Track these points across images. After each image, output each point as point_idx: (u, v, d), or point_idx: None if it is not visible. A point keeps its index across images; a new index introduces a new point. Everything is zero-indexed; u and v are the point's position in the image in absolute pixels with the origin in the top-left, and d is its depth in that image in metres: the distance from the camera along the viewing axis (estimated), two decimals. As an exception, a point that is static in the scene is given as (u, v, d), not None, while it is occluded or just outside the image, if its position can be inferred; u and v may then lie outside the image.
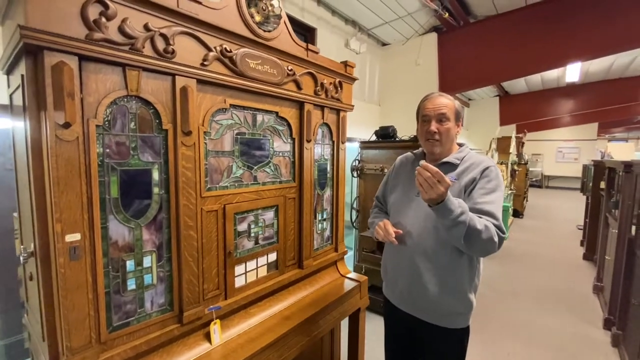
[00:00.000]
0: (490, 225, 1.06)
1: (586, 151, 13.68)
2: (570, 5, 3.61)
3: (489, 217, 1.08)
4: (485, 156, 1.24)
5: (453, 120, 1.23)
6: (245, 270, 1.36)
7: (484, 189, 1.14)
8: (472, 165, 1.20)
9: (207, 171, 1.19)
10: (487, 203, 1.11)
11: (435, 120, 1.22)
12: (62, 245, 0.83)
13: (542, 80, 7.63)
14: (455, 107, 1.24)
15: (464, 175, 1.19)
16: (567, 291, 3.77)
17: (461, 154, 1.25)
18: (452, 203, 1.03)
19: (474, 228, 1.03)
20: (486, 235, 1.04)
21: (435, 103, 1.22)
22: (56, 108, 0.80)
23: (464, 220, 1.02)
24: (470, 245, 1.06)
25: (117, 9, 0.88)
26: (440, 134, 1.22)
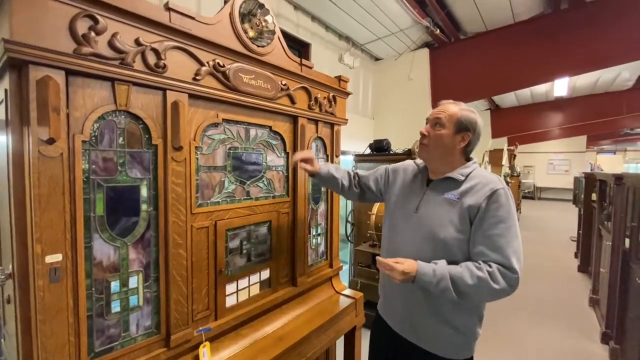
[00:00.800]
0: (486, 274, 0.96)
1: (576, 163, 13.93)
2: (557, 22, 3.73)
3: (498, 255, 0.99)
4: (494, 175, 1.11)
5: (451, 129, 1.11)
6: (236, 289, 1.32)
7: (494, 218, 1.01)
8: (477, 186, 1.07)
9: (198, 187, 1.16)
10: (499, 236, 1.00)
11: (430, 123, 1.15)
12: (41, 266, 0.79)
13: (532, 94, 7.81)
14: (458, 115, 1.10)
15: (468, 195, 1.06)
16: (564, 304, 3.75)
17: (467, 170, 1.12)
18: (426, 275, 1.00)
19: (464, 285, 0.97)
20: (482, 287, 0.96)
21: (439, 108, 1.15)
22: (40, 123, 0.77)
23: (446, 286, 0.98)
24: (470, 300, 1.03)
25: (107, 23, 0.86)
26: (430, 139, 1.14)
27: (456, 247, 1.06)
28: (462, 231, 1.05)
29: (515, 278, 0.98)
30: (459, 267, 1.01)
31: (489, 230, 1.01)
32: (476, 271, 0.98)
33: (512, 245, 1.00)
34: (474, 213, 1.04)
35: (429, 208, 1.13)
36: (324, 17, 3.60)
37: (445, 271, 1.00)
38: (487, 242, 1.01)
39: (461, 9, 3.67)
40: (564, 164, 14.45)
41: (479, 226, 1.03)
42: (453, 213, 1.07)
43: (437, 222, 1.09)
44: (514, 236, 1.02)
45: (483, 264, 1.00)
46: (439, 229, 1.07)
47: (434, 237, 1.08)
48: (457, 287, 0.98)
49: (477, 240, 1.03)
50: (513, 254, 0.99)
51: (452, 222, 1.06)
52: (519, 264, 0.99)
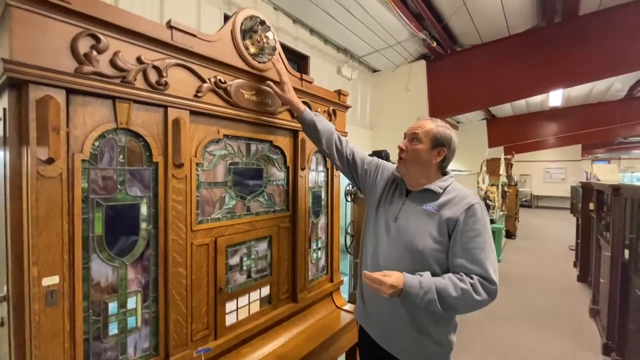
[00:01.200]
0: (469, 285, 1.00)
1: (572, 171, 14.03)
2: (551, 35, 3.80)
3: (478, 267, 1.02)
4: (470, 190, 1.16)
5: (427, 144, 1.14)
6: (236, 307, 1.29)
7: (472, 231, 1.05)
8: (455, 199, 1.11)
9: (199, 203, 1.15)
10: (477, 249, 1.04)
11: (408, 138, 1.18)
12: (37, 290, 0.77)
13: (527, 104, 7.89)
14: (434, 132, 1.14)
15: (446, 208, 1.10)
16: (564, 314, 3.72)
17: (444, 183, 1.16)
18: (412, 287, 1.00)
19: (449, 297, 0.99)
20: (465, 299, 0.99)
21: (416, 123, 1.19)
22: (39, 143, 0.76)
23: (432, 299, 0.99)
24: (453, 311, 1.05)
25: (109, 42, 0.86)
26: (407, 153, 1.16)
27: (433, 257, 1.08)
28: (440, 242, 1.08)
29: (494, 289, 1.02)
30: (442, 279, 1.02)
31: (468, 243, 1.05)
32: (459, 283, 1.00)
33: (489, 258, 1.04)
34: (452, 226, 1.08)
35: (408, 218, 1.15)
36: (322, 31, 3.64)
37: (432, 283, 1.01)
38: (466, 254, 1.04)
39: (457, 22, 3.73)
40: (560, 172, 14.55)
41: (458, 239, 1.06)
42: (431, 224, 1.10)
43: (415, 232, 1.11)
44: (490, 249, 1.06)
45: (465, 276, 1.02)
46: (417, 240, 1.10)
47: (413, 247, 1.10)
48: (442, 299, 1.00)
49: (456, 252, 1.06)
50: (490, 266, 1.03)
51: (430, 233, 1.09)
52: (496, 275, 1.03)
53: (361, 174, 1.38)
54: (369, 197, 1.36)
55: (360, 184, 1.40)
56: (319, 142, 1.36)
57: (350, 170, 1.39)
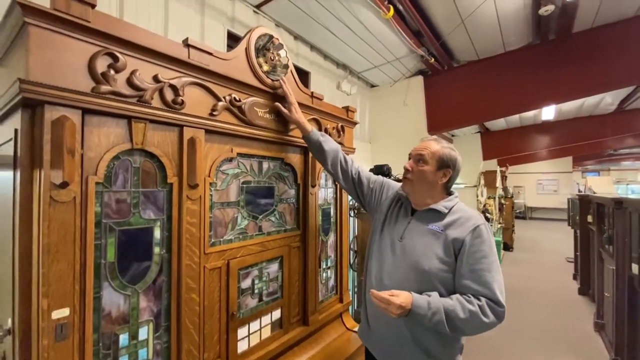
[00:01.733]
0: (477, 307, 0.98)
1: (564, 183, 14.23)
2: (545, 52, 3.90)
3: (485, 289, 1.01)
4: (474, 211, 1.16)
5: (433, 165, 1.14)
6: (248, 333, 1.23)
7: (478, 252, 1.05)
8: (460, 219, 1.11)
9: (212, 225, 1.11)
10: (484, 270, 1.02)
11: (413, 159, 1.18)
12: (47, 323, 0.71)
13: (520, 118, 8.05)
14: (440, 153, 1.15)
15: (452, 228, 1.10)
16: (567, 329, 3.67)
17: (449, 203, 1.16)
18: (421, 308, 0.98)
19: (457, 319, 0.97)
20: (473, 321, 0.97)
21: (421, 144, 1.19)
22: (53, 166, 0.72)
23: (440, 320, 0.97)
24: (460, 333, 1.02)
25: (127, 61, 0.84)
26: (413, 174, 1.16)
27: (439, 278, 1.06)
28: (446, 263, 1.07)
29: (502, 311, 1.01)
30: (450, 300, 1.00)
31: (474, 264, 1.04)
32: (467, 305, 0.99)
33: (496, 280, 1.03)
34: (458, 246, 1.07)
35: (414, 238, 1.14)
36: (323, 47, 3.69)
37: (440, 304, 0.99)
38: (473, 276, 1.03)
39: (455, 39, 3.81)
40: (553, 184, 14.74)
41: (465, 260, 1.05)
42: (437, 245, 1.09)
43: (421, 252, 1.10)
44: (497, 270, 1.05)
45: (473, 298, 1.01)
46: (423, 260, 1.08)
47: (418, 267, 1.08)
48: (450, 320, 0.98)
49: (463, 273, 1.04)
50: (497, 288, 1.02)
51: (436, 253, 1.08)
52: (503, 297, 1.02)
53: (367, 192, 1.37)
54: (374, 215, 1.35)
55: (366, 203, 1.39)
56: (325, 162, 1.35)
57: (356, 189, 1.38)
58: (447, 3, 3.02)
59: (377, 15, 3.01)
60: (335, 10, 2.98)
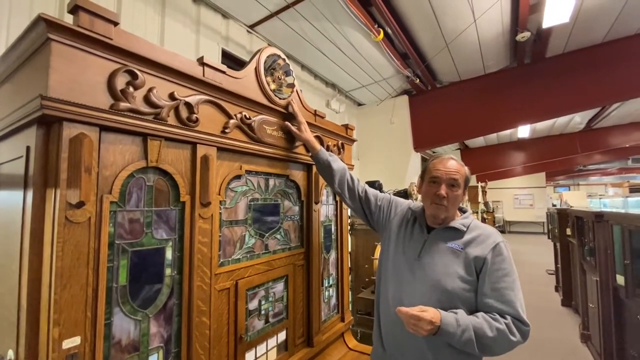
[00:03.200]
0: (504, 325, 0.97)
1: (538, 197, 14.86)
2: (521, 74, 4.16)
3: (509, 307, 1.00)
4: (492, 227, 1.16)
5: (462, 187, 1.14)
6: (255, 357, 1.18)
7: (500, 271, 1.03)
8: (480, 237, 1.10)
9: (221, 244, 1.08)
10: (507, 289, 1.01)
11: (445, 184, 1.12)
12: (57, 354, 0.66)
13: (498, 135, 8.45)
14: (466, 174, 1.16)
15: (472, 246, 1.09)
16: (554, 341, 3.74)
17: (467, 221, 1.15)
18: (450, 325, 0.95)
19: (485, 337, 0.95)
20: (501, 339, 0.96)
21: (447, 166, 1.13)
22: (70, 185, 0.69)
23: (469, 338, 0.94)
24: (487, 353, 0.99)
25: (145, 78, 0.83)
26: (449, 200, 1.11)
27: (461, 298, 1.04)
28: (468, 282, 1.05)
29: (527, 330, 0.99)
30: (477, 318, 0.98)
31: (497, 283, 1.03)
32: (494, 323, 0.97)
33: (519, 298, 1.02)
34: (480, 264, 1.06)
35: (433, 256, 1.11)
36: (313, 66, 3.78)
37: (469, 322, 0.96)
38: (496, 294, 1.02)
39: (439, 62, 4.01)
40: (528, 198, 15.36)
41: (487, 279, 1.04)
42: (457, 263, 1.07)
43: (442, 271, 1.07)
44: (519, 289, 1.04)
45: (498, 316, 0.99)
46: (445, 279, 1.06)
47: (441, 287, 1.05)
48: (478, 338, 0.95)
49: (485, 292, 1.03)
50: (520, 307, 1.01)
51: (457, 272, 1.06)
52: (525, 316, 1.01)
53: (374, 210, 1.35)
54: (383, 233, 1.33)
55: (374, 221, 1.37)
56: (332, 181, 1.35)
57: (363, 207, 1.36)
58: (432, 28, 3.19)
59: (367, 37, 3.13)
60: (327, 32, 3.08)
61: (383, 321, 1.22)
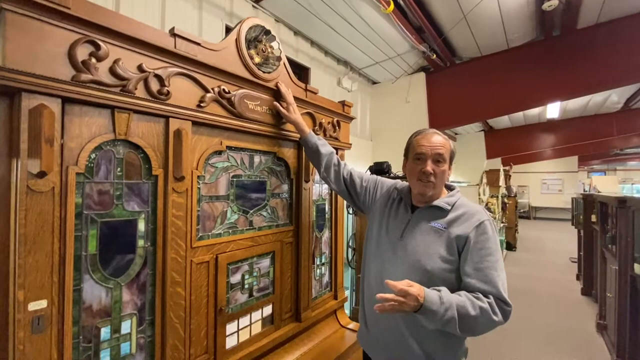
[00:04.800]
0: (486, 304, 0.94)
1: (569, 183, 14.08)
2: (549, 48, 3.83)
3: (491, 287, 0.97)
4: (479, 206, 1.11)
5: (448, 162, 1.11)
6: (237, 328, 1.21)
7: (484, 250, 1.00)
8: (464, 215, 1.06)
9: (200, 218, 1.09)
10: (490, 268, 0.98)
11: (431, 160, 1.08)
12: (23, 315, 0.70)
13: (525, 116, 7.96)
14: (450, 148, 1.12)
15: (455, 225, 1.05)
16: (569, 330, 3.63)
17: (452, 199, 1.11)
18: (433, 303, 0.91)
19: (467, 315, 0.92)
20: (484, 318, 0.93)
21: (432, 141, 1.09)
22: (31, 155, 0.71)
23: (452, 316, 0.91)
24: (468, 333, 0.96)
25: (109, 49, 0.82)
26: (436, 176, 1.08)
27: (442, 278, 1.02)
28: (449, 261, 1.02)
29: (509, 310, 0.98)
30: (460, 297, 0.95)
31: (479, 262, 1.00)
32: (477, 302, 0.94)
33: (501, 279, 0.99)
34: (462, 243, 1.03)
35: (415, 236, 1.09)
36: (323, 43, 3.66)
37: (452, 300, 0.93)
38: (478, 274, 0.99)
39: (457, 35, 3.76)
40: (557, 183, 14.59)
41: (469, 258, 1.01)
42: (439, 243, 1.04)
43: (423, 251, 1.05)
44: (502, 269, 1.01)
45: (481, 295, 0.96)
46: (425, 259, 1.04)
47: (420, 267, 1.03)
48: (461, 317, 0.92)
49: (467, 271, 1.00)
50: (503, 287, 0.99)
51: (438, 252, 1.03)
52: (507, 297, 0.99)
53: (360, 192, 1.34)
54: (369, 214, 1.32)
55: (360, 202, 1.35)
56: (319, 165, 1.34)
57: (348, 189, 1.35)
58: (448, -2, 2.98)
59: (377, 10, 2.97)
60: (335, 5, 2.95)
61: (366, 301, 1.22)
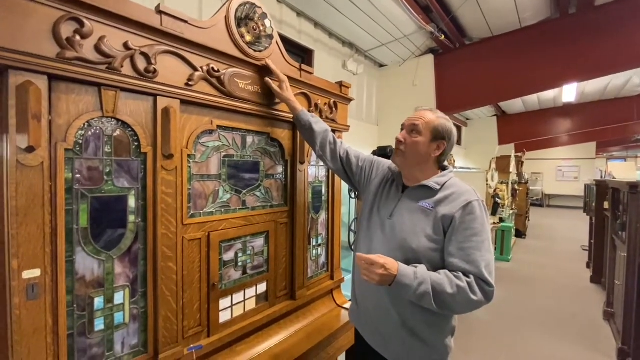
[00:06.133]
0: (465, 283, 0.94)
1: (586, 170, 13.66)
2: (565, 27, 3.66)
3: (473, 267, 0.96)
4: (470, 187, 1.09)
5: (427, 136, 1.08)
6: (231, 304, 1.25)
7: (469, 230, 1.00)
8: (453, 195, 1.05)
9: (191, 196, 1.12)
10: (473, 249, 0.98)
11: (406, 130, 1.12)
12: (17, 283, 0.74)
13: (539, 100, 7.70)
14: (435, 124, 1.09)
15: (443, 204, 1.05)
16: (576, 317, 3.60)
17: (442, 179, 1.10)
18: (406, 277, 0.94)
19: (443, 292, 0.93)
20: (461, 297, 0.93)
21: (415, 114, 1.13)
22: (19, 131, 0.73)
23: (426, 290, 0.93)
24: (446, 310, 0.97)
25: (93, 26, 0.83)
26: (406, 145, 1.10)
27: (427, 257, 1.03)
28: (435, 241, 1.03)
29: (491, 291, 0.97)
30: (438, 274, 0.97)
31: (464, 242, 0.99)
32: (455, 280, 0.95)
33: (485, 259, 0.98)
34: (447, 223, 1.02)
35: (403, 215, 1.10)
36: (327, 24, 3.59)
37: (427, 276, 0.95)
38: (461, 254, 0.99)
39: (466, 15, 3.62)
40: (573, 170, 14.18)
41: (453, 237, 1.01)
42: (426, 222, 1.05)
43: (410, 230, 1.06)
44: (487, 250, 1.00)
45: (461, 274, 0.97)
46: (411, 238, 1.05)
47: (406, 246, 1.05)
48: (436, 294, 0.94)
49: (450, 251, 1.01)
50: (486, 268, 0.98)
51: (425, 231, 1.04)
52: (492, 278, 0.98)
53: (356, 171, 1.34)
54: (364, 194, 1.32)
55: (356, 182, 1.36)
56: (314, 143, 1.33)
57: (345, 168, 1.35)
58: (457, -26, 2.85)
59: (382, -12, 2.88)
60: (339, -15, 2.87)
61: (356, 278, 1.24)
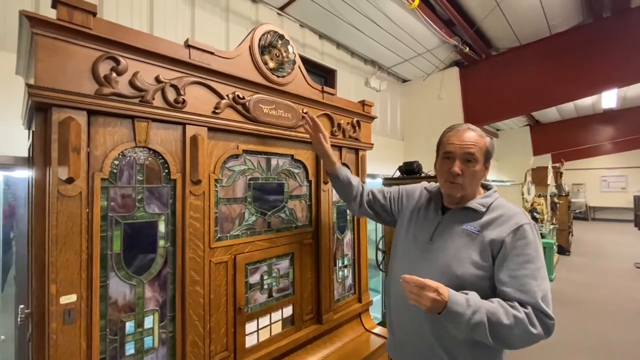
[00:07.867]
0: (523, 314, 0.85)
1: (634, 179, 12.60)
2: (599, 32, 3.48)
3: (529, 297, 0.87)
4: (518, 208, 1.02)
5: (482, 161, 1.01)
6: (257, 328, 1.24)
7: (522, 256, 0.91)
8: (501, 218, 0.98)
9: (218, 220, 1.14)
10: (528, 277, 0.89)
11: (460, 159, 1.00)
12: (55, 307, 0.78)
13: (576, 107, 7.29)
14: (486, 145, 1.02)
15: (490, 228, 0.97)
16: (634, 344, 3.23)
17: (487, 200, 1.02)
18: (458, 304, 0.85)
19: (499, 324, 0.84)
20: (519, 329, 0.84)
21: (463, 139, 1.00)
22: (60, 163, 0.79)
23: (481, 320, 0.83)
24: (502, 344, 0.88)
25: (128, 63, 0.88)
26: (464, 177, 1.00)
27: (474, 285, 0.94)
28: (482, 267, 0.94)
29: (552, 324, 0.88)
30: (491, 302, 0.87)
31: (517, 270, 0.91)
32: (511, 310, 0.86)
33: (542, 289, 0.89)
34: (497, 248, 0.94)
35: (446, 240, 1.02)
36: (349, 44, 3.65)
37: (480, 304, 0.86)
38: (514, 283, 0.90)
39: (491, 25, 3.55)
40: (620, 180, 13.11)
41: (505, 264, 0.92)
42: (472, 247, 0.97)
43: (454, 256, 0.98)
44: (543, 278, 0.91)
45: (517, 304, 0.87)
46: (456, 264, 0.96)
47: (450, 272, 0.96)
48: (492, 324, 0.84)
49: (502, 279, 0.92)
50: (543, 299, 0.88)
51: (470, 257, 0.96)
52: (550, 309, 0.89)
53: (385, 203, 1.29)
54: (399, 222, 1.25)
55: (388, 214, 1.30)
56: (349, 196, 1.29)
57: (374, 206, 1.31)
58: (479, -14, 2.83)
59: (402, 6, 2.91)
60: (359, 5, 2.93)
61: (392, 306, 1.18)
